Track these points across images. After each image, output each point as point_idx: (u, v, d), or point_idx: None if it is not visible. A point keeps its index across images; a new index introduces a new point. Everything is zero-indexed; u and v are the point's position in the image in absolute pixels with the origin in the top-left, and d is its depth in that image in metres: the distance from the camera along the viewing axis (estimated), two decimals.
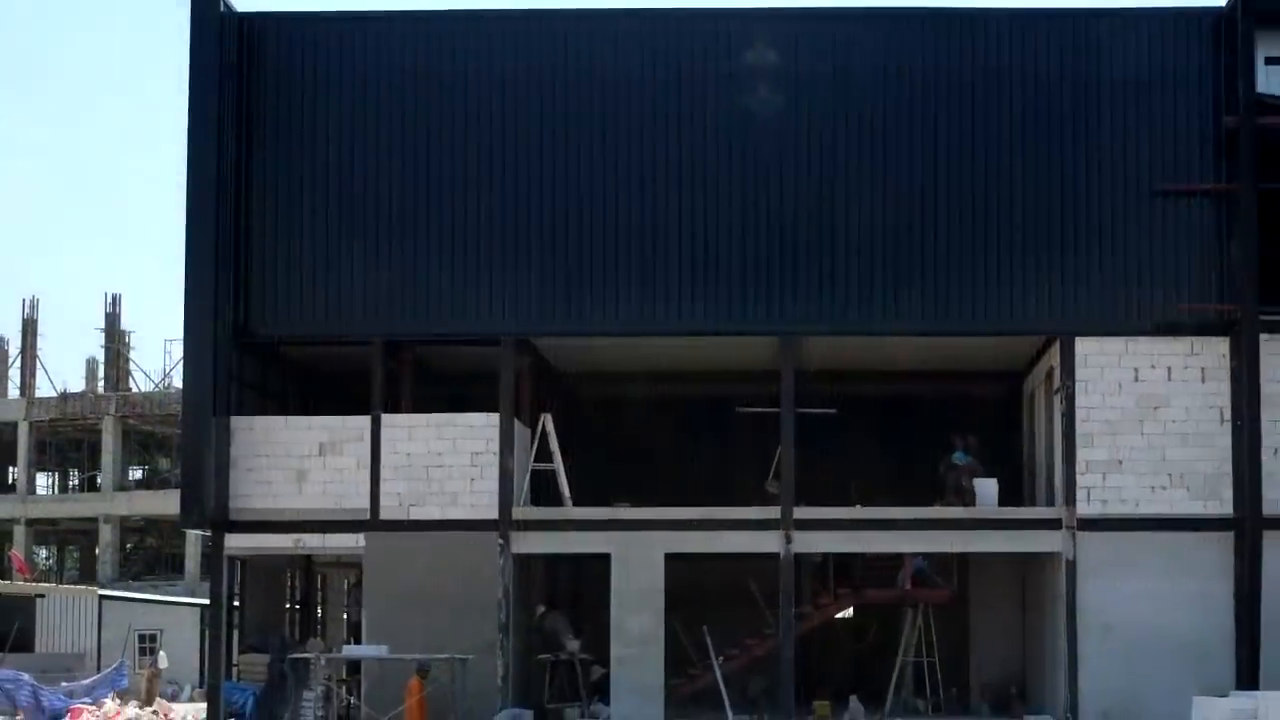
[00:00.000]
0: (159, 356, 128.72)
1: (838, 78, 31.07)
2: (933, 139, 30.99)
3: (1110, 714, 30.13)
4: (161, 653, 49.29)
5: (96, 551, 76.60)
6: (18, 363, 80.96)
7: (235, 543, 31.64)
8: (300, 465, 31.35)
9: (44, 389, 79.46)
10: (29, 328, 79.78)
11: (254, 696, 31.85)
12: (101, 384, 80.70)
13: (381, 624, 31.04)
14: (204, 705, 35.60)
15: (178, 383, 68.93)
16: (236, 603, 35.72)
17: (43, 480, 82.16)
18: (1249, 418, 29.94)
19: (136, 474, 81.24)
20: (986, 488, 32.71)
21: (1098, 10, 31.27)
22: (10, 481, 79.48)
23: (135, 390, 79.33)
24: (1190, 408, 30.56)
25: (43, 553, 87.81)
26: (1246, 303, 29.98)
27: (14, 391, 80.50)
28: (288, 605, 39.48)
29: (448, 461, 31.17)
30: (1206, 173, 30.67)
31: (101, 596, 58.75)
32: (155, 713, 37.27)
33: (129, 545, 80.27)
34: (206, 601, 37.63)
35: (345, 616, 41.94)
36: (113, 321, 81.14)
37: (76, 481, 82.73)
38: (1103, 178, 30.77)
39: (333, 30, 31.59)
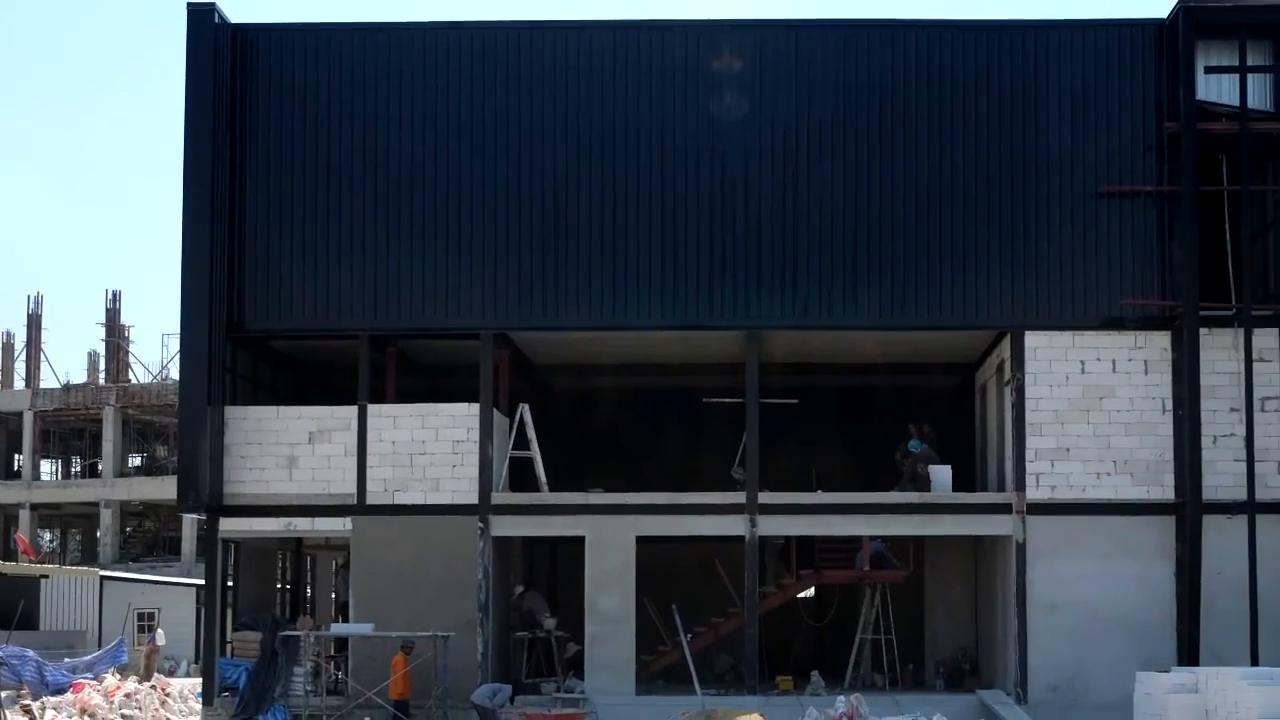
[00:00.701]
0: (157, 350, 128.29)
1: (800, 85, 31.05)
2: (890, 143, 30.95)
3: (1057, 688, 30.13)
4: (159, 630, 49.06)
5: (97, 534, 76.20)
6: (23, 355, 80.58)
7: (229, 526, 31.53)
8: (291, 453, 31.23)
9: (48, 380, 79.16)
10: (33, 322, 79.35)
11: (247, 672, 31.62)
12: (102, 376, 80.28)
13: (367, 603, 30.93)
14: (199, 680, 35.40)
15: (175, 375, 68.56)
16: (230, 583, 35.53)
17: (47, 467, 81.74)
18: (1189, 408, 29.91)
19: (136, 461, 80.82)
20: (941, 474, 32.71)
21: (1046, 21, 31.22)
22: (16, 468, 79.14)
23: (134, 382, 78.87)
24: (1134, 398, 30.55)
25: (46, 536, 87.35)
26: (1187, 298, 29.96)
27: (19, 383, 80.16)
28: (279, 585, 39.30)
29: (430, 449, 31.06)
30: (1149, 175, 30.66)
31: (102, 577, 58.40)
32: (153, 687, 36.96)
33: (128, 529, 79.80)
34: (202, 582, 37.45)
35: (333, 596, 41.66)
36: (113, 317, 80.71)
37: (79, 468, 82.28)
38: (1051, 180, 30.76)
39: (321, 40, 31.49)
